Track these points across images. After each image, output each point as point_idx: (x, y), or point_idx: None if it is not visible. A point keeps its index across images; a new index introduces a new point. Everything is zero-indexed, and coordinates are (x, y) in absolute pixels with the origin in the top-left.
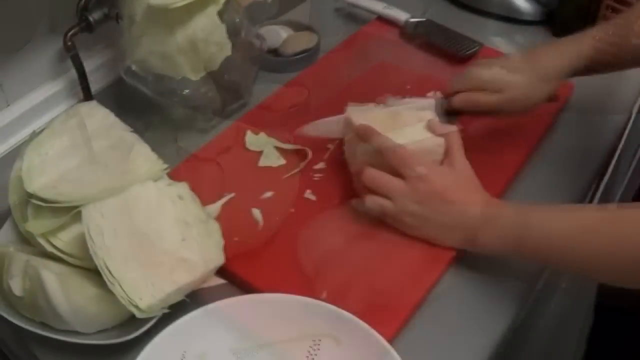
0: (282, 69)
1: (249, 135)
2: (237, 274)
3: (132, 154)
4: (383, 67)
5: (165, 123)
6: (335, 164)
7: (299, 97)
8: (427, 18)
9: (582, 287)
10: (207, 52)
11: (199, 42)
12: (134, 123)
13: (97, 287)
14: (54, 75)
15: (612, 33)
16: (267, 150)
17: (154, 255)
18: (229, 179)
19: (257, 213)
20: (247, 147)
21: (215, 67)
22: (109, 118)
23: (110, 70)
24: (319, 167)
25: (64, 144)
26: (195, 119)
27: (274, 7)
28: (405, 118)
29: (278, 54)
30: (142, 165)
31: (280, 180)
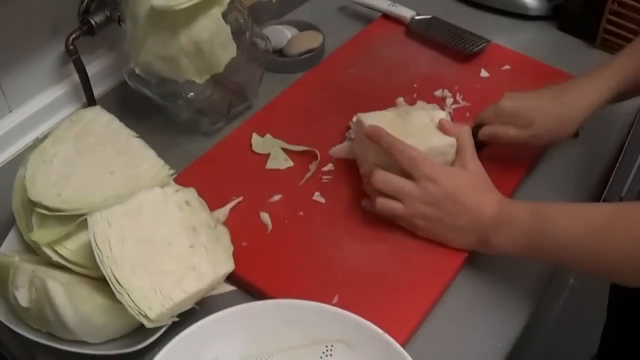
0: (287, 70)
1: (255, 138)
2: (246, 280)
3: (137, 160)
4: (390, 65)
5: (170, 127)
6: (344, 166)
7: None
8: (432, 15)
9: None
10: (212, 54)
11: (204, 44)
12: (138, 127)
13: (104, 296)
14: (57, 80)
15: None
16: (274, 153)
17: (162, 264)
18: (236, 183)
19: (265, 217)
20: (253, 149)
21: (221, 69)
22: (114, 123)
23: (113, 74)
24: (328, 168)
25: (68, 151)
26: (200, 122)
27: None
28: (416, 118)
29: (283, 55)
30: (148, 172)
31: (289, 183)
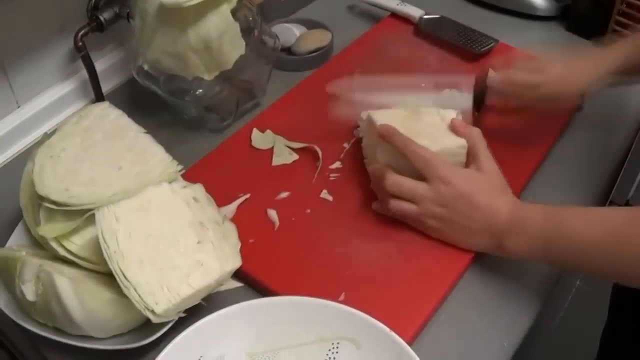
0: (295, 68)
1: (255, 133)
2: (253, 277)
3: (146, 156)
4: (398, 64)
5: (178, 123)
6: (352, 164)
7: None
8: (441, 15)
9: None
10: (220, 51)
11: (212, 41)
12: (146, 123)
13: (111, 291)
14: (65, 76)
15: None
16: (277, 149)
17: (170, 259)
18: (244, 180)
19: (273, 214)
20: (252, 144)
21: (229, 66)
22: (122, 119)
23: (122, 70)
24: (335, 166)
25: (76, 146)
26: (208, 119)
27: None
28: (427, 118)
29: (291, 53)
30: (156, 167)
31: (296, 181)
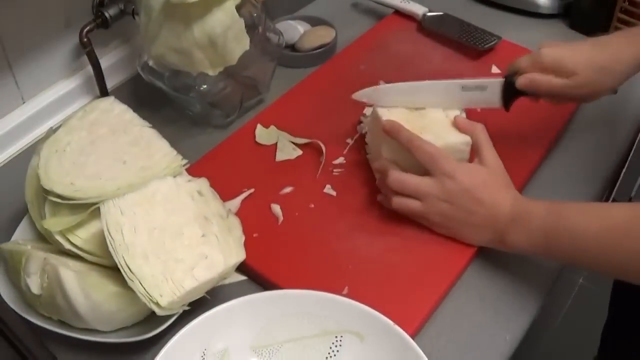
0: (299, 64)
1: (259, 129)
2: (257, 271)
3: (151, 150)
4: (401, 61)
5: (182, 119)
6: (355, 159)
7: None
8: (444, 12)
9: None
10: (225, 46)
11: (217, 36)
12: (150, 119)
13: (116, 284)
14: (70, 72)
15: None
16: (281, 144)
17: (174, 252)
18: (248, 175)
19: (276, 209)
20: (256, 140)
21: (234, 61)
22: (127, 114)
23: (126, 67)
24: (339, 162)
25: (82, 140)
26: (213, 115)
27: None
28: (432, 113)
29: (295, 49)
30: (161, 161)
31: (299, 176)
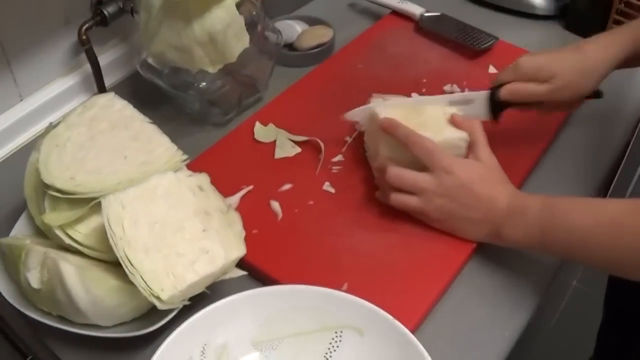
0: (297, 64)
1: (258, 126)
2: (257, 267)
3: (151, 145)
4: (399, 60)
5: (181, 117)
6: (354, 156)
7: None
8: (442, 12)
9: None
10: (225, 44)
11: (217, 34)
12: (149, 117)
13: (116, 279)
14: (68, 70)
15: None
16: (280, 142)
17: (175, 246)
18: (247, 172)
19: (276, 205)
20: (255, 138)
21: (233, 59)
22: (127, 109)
23: (125, 65)
24: (337, 159)
25: (82, 135)
26: (211, 113)
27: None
28: (429, 111)
29: (293, 49)
30: (161, 156)
31: (298, 173)
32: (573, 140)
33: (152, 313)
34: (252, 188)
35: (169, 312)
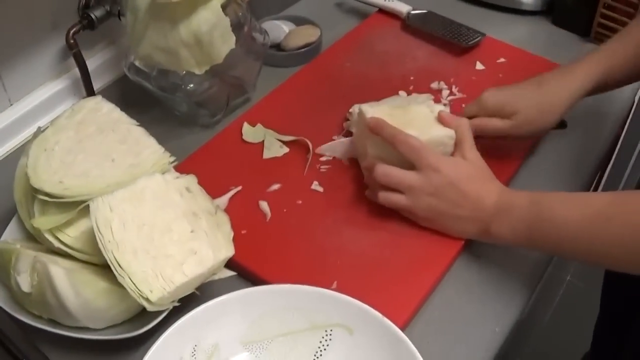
0: (284, 64)
1: (246, 127)
2: (246, 267)
3: (139, 147)
4: (386, 58)
5: (169, 119)
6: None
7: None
8: (428, 10)
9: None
10: (211, 45)
11: (203, 35)
12: (137, 119)
13: (106, 281)
14: (57, 74)
15: (620, 53)
16: (268, 142)
17: (164, 248)
18: (235, 173)
19: (264, 205)
20: (243, 138)
21: (220, 60)
22: (115, 112)
23: (113, 68)
24: (326, 159)
25: (70, 139)
26: (199, 115)
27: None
28: (416, 109)
29: (281, 49)
30: (149, 159)
31: (287, 173)
32: (559, 141)
33: (142, 315)
34: (240, 189)
35: (159, 313)
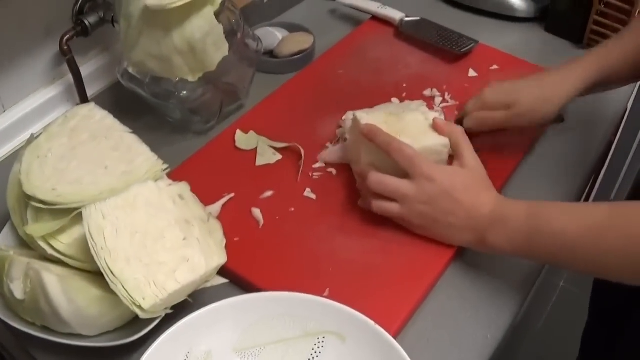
0: (278, 71)
1: (239, 134)
2: (239, 274)
3: (131, 155)
4: (379, 65)
5: (162, 126)
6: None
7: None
8: (421, 17)
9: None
10: (204, 52)
11: (197, 42)
12: (131, 126)
13: (99, 288)
14: (50, 80)
15: (616, 53)
16: (261, 149)
17: (156, 255)
18: (228, 180)
19: (257, 213)
20: (236, 145)
21: (213, 67)
22: (108, 119)
23: (107, 74)
24: (318, 166)
25: (63, 146)
26: (192, 122)
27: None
28: (410, 117)
29: (274, 56)
30: (142, 166)
31: (280, 180)
32: (553, 145)
33: (135, 322)
34: (233, 196)
35: (152, 320)
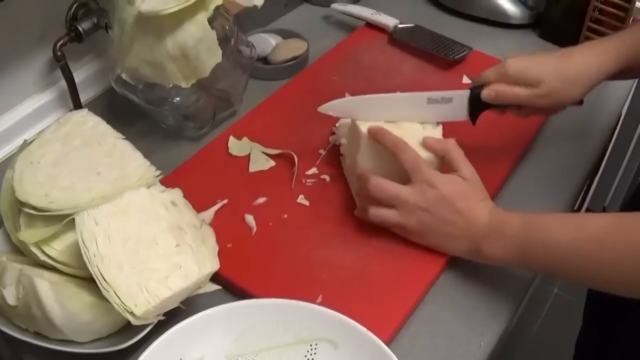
0: (271, 77)
1: (232, 140)
2: (231, 281)
3: (124, 161)
4: (373, 72)
5: (156, 132)
6: (328, 169)
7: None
8: (415, 24)
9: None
10: (197, 58)
11: (190, 49)
12: (124, 132)
13: (91, 295)
14: (44, 86)
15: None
16: (254, 155)
17: (149, 262)
18: (221, 186)
19: (250, 219)
20: (230, 152)
21: (206, 73)
22: (101, 126)
23: (100, 80)
24: (311, 172)
25: (56, 152)
26: (186, 128)
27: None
28: (408, 127)
29: (267, 62)
30: (134, 172)
31: (273, 186)
32: (545, 153)
33: (127, 328)
34: (226, 202)
35: (144, 327)
